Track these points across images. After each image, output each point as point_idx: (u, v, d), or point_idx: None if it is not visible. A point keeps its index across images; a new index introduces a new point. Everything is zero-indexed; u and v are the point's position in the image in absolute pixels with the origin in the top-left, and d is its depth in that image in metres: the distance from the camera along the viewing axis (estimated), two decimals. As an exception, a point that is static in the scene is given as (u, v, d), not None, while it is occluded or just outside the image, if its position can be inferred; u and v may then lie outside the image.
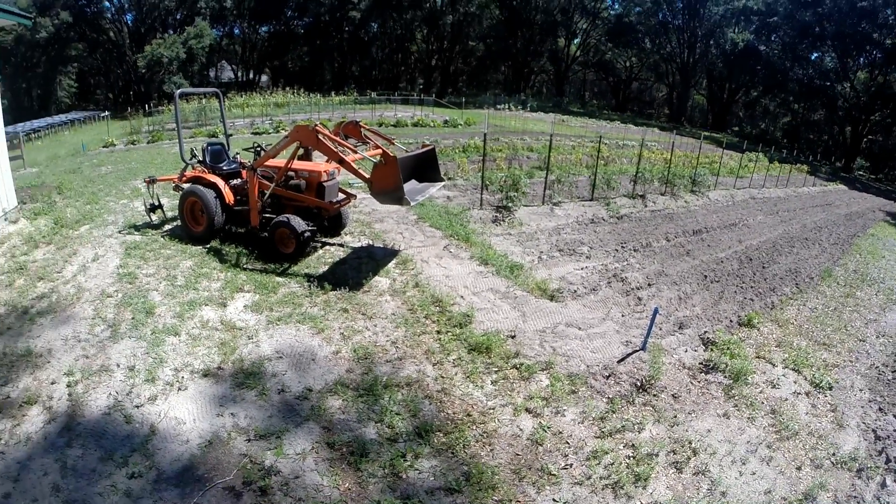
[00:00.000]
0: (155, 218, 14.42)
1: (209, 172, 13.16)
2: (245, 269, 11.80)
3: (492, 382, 9.09)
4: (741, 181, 36.22)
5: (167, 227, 14.19)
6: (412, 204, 11.28)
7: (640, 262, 16.69)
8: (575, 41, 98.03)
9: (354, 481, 6.75)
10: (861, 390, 11.69)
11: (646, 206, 23.98)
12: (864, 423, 10.52)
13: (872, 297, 18.58)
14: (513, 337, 10.46)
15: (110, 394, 7.73)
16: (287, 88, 56.11)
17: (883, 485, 8.86)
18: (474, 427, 8.02)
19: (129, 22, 72.46)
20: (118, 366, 8.33)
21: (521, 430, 8.16)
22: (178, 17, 71.38)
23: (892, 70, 79.66)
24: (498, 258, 14.14)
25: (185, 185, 13.12)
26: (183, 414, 7.45)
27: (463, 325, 10.48)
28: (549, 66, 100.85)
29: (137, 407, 7.47)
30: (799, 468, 8.69)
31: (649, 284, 14.88)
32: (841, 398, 11.11)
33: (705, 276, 16.50)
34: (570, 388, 9.22)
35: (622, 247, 17.67)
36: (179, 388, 7.93)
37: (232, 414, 7.55)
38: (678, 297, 14.44)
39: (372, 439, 7.42)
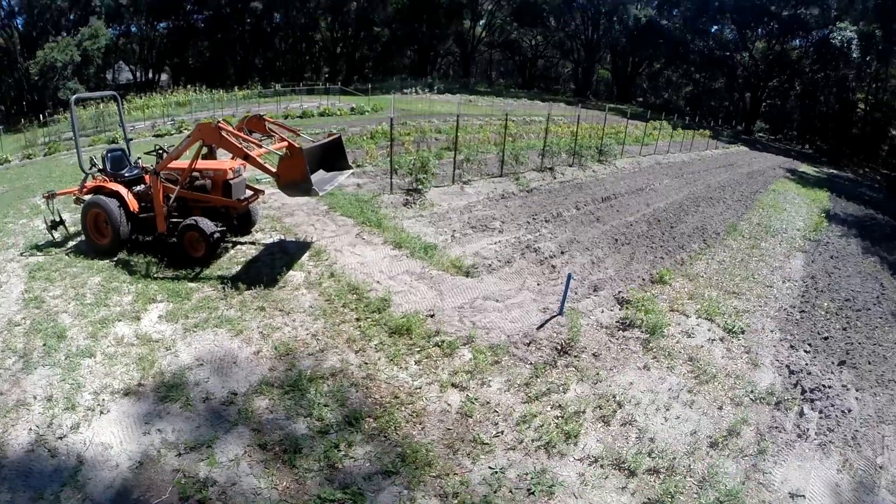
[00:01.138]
0: (57, 235, 13.54)
1: (111, 181, 12.54)
2: (156, 279, 11.37)
3: (415, 362, 9.21)
4: (646, 148, 37.31)
5: (71, 243, 13.39)
6: (321, 194, 11.20)
7: (552, 231, 16.98)
8: (480, 22, 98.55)
9: (292, 479, 6.71)
10: (772, 331, 12.36)
11: (555, 178, 24.44)
12: (777, 360, 11.14)
13: (776, 247, 19.59)
14: (432, 316, 10.58)
15: (31, 429, 7.25)
16: (189, 86, 53.62)
17: (801, 413, 9.48)
18: (403, 408, 8.11)
19: (19, 27, 67.61)
20: (35, 398, 7.81)
21: (449, 405, 8.29)
22: (71, 17, 66.55)
23: (788, 40, 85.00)
24: (411, 240, 14.21)
25: (87, 197, 12.41)
26: (109, 438, 7.12)
27: (381, 310, 10.53)
28: (455, 49, 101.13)
29: (61, 438, 7.05)
30: (720, 408, 9.19)
31: (562, 252, 15.17)
32: (754, 340, 11.71)
33: (616, 240, 16.96)
34: (493, 359, 9.43)
35: (533, 219, 17.95)
36: (102, 412, 7.55)
37: (159, 430, 7.30)
38: (591, 262, 14.80)
39: (303, 434, 7.39)
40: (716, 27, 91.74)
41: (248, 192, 13.08)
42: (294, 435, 7.34)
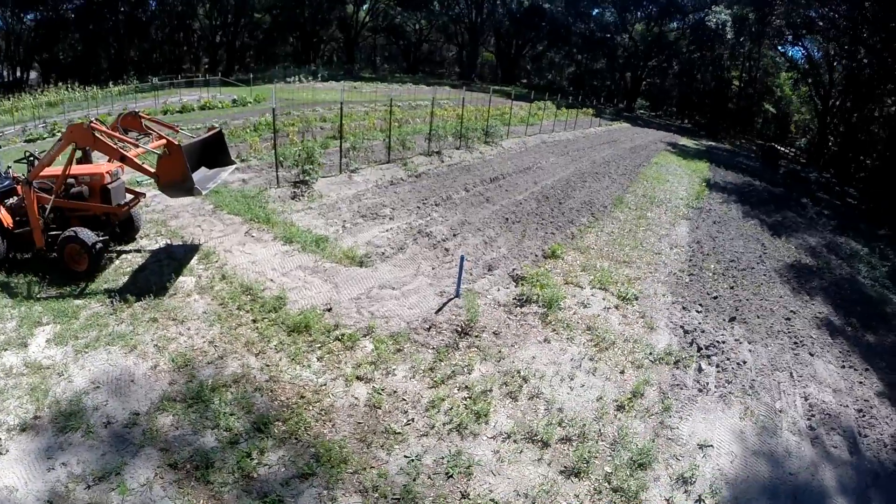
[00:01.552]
0: None
1: None
2: (40, 300, 10.49)
3: (318, 359, 9.10)
4: (532, 128, 38.16)
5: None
6: (204, 193, 10.83)
7: (443, 215, 17.13)
8: (364, 7, 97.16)
9: (208, 496, 6.49)
10: (664, 295, 13.03)
11: (442, 161, 24.59)
12: (671, 322, 11.79)
13: (662, 216, 20.61)
14: (329, 310, 10.48)
15: (-73, 485, 6.59)
16: (60, 84, 49.50)
17: (699, 369, 10.14)
18: (311, 407, 8.02)
19: None
20: (-74, 449, 7.11)
21: (356, 398, 8.26)
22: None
23: (666, 22, 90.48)
24: (302, 234, 13.96)
25: None
26: (12, 481, 6.57)
27: (277, 309, 10.32)
28: (338, 34, 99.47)
29: None
30: (622, 372, 9.66)
31: (454, 235, 15.33)
32: (647, 305, 12.32)
33: (507, 219, 17.30)
34: (395, 348, 9.48)
35: (423, 203, 18.02)
36: (0, 453, 6.97)
37: (63, 464, 6.82)
38: (483, 242, 15.05)
39: (213, 447, 7.15)
40: (597, 10, 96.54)
41: (129, 197, 12.41)
42: (204, 449, 7.10)
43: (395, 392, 8.41)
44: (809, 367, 10.92)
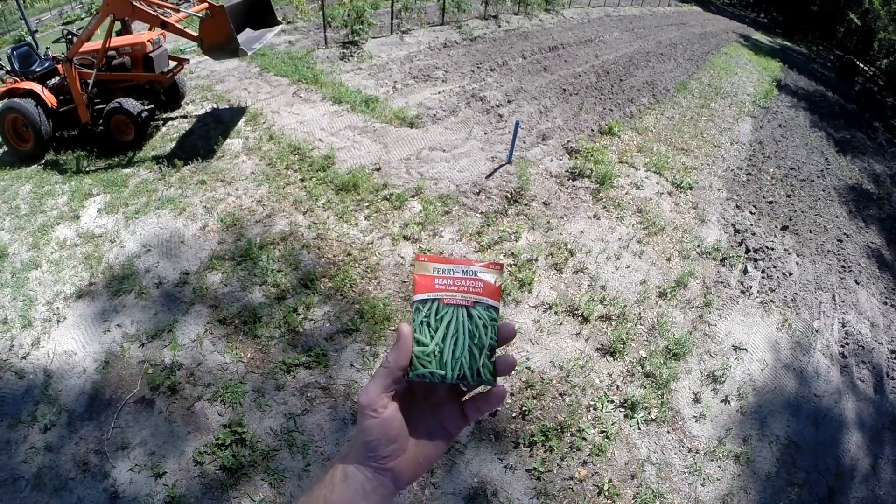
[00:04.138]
0: None
1: (22, 80, 11.66)
2: (89, 172, 10.78)
3: (365, 218, 9.37)
4: None
5: (-7, 157, 12.42)
6: (250, 54, 10.73)
7: (498, 80, 16.83)
8: None
9: (255, 349, 6.93)
10: (719, 190, 12.96)
11: (499, 26, 23.84)
12: (723, 218, 11.80)
13: (726, 109, 20.04)
14: (378, 169, 10.66)
15: (-7, 356, 7.07)
16: None
17: (745, 271, 10.23)
18: (357, 265, 8.35)
19: None
20: (-10, 324, 7.68)
21: (402, 257, 8.58)
22: None
23: None
24: (351, 94, 13.92)
25: (0, 103, 11.61)
26: (71, 345, 7.06)
27: (326, 168, 10.54)
28: None
29: (24, 358, 6.89)
30: (669, 259, 9.82)
31: (509, 101, 15.15)
32: (701, 197, 12.31)
33: (564, 90, 16.97)
34: (443, 210, 9.69)
35: (478, 67, 17.70)
36: (58, 321, 7.40)
37: (118, 325, 7.28)
38: (539, 111, 14.86)
39: (261, 303, 7.56)
40: None
41: (172, 64, 12.46)
42: (251, 305, 7.50)
43: (441, 253, 8.62)
44: (853, 295, 10.85)
